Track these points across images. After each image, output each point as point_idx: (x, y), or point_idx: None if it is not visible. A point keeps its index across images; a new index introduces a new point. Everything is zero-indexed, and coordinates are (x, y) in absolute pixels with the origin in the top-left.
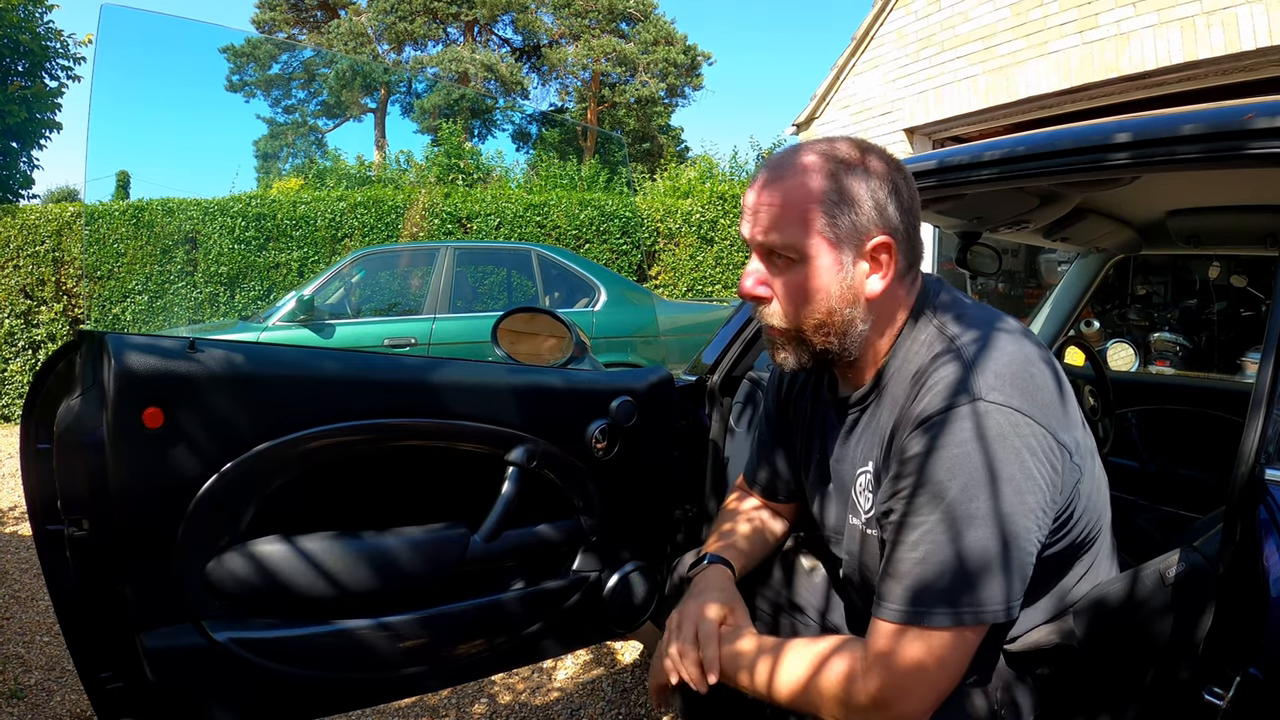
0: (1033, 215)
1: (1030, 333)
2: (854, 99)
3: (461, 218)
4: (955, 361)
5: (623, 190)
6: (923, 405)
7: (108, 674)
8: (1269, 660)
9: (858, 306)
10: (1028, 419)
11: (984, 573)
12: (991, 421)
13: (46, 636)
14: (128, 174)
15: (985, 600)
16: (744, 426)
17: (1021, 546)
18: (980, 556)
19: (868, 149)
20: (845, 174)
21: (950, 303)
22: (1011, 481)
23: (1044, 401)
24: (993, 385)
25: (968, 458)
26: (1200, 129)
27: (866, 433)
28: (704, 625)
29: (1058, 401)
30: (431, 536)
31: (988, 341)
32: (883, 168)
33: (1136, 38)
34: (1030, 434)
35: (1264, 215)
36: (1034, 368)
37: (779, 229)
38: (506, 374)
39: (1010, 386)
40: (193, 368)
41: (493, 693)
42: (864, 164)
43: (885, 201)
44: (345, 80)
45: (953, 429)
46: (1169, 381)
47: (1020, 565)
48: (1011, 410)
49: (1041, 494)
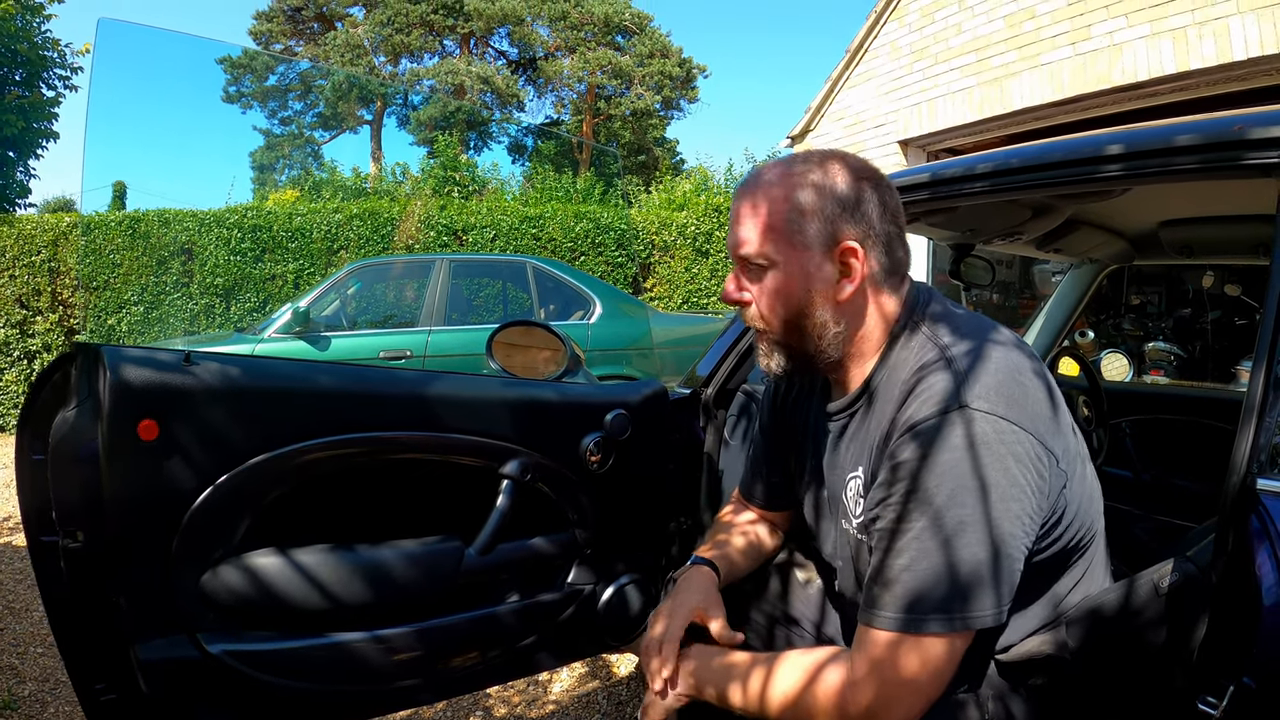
0: (1025, 227)
1: (1022, 343)
2: (848, 111)
3: (457, 230)
4: (945, 370)
5: (618, 203)
6: (910, 412)
7: (101, 685)
8: (1262, 669)
9: (827, 309)
10: (1014, 426)
11: (972, 579)
12: (978, 429)
13: (40, 648)
14: (124, 184)
15: (973, 607)
16: (738, 439)
17: (1008, 553)
18: (968, 563)
19: (829, 158)
20: (804, 184)
21: (942, 312)
22: (998, 488)
23: (1032, 410)
24: (980, 394)
25: (955, 465)
26: (1191, 141)
27: (856, 438)
28: (671, 627)
29: (1047, 410)
30: (426, 549)
31: (978, 351)
32: (846, 176)
33: (1129, 48)
34: (1016, 441)
35: (1254, 225)
36: (1023, 377)
37: (748, 238)
38: (501, 387)
39: (997, 395)
40: (188, 380)
41: (488, 706)
42: (824, 172)
43: (850, 208)
44: (341, 92)
45: (940, 436)
46: (1163, 391)
47: (1008, 572)
48: (998, 418)
49: (1028, 500)
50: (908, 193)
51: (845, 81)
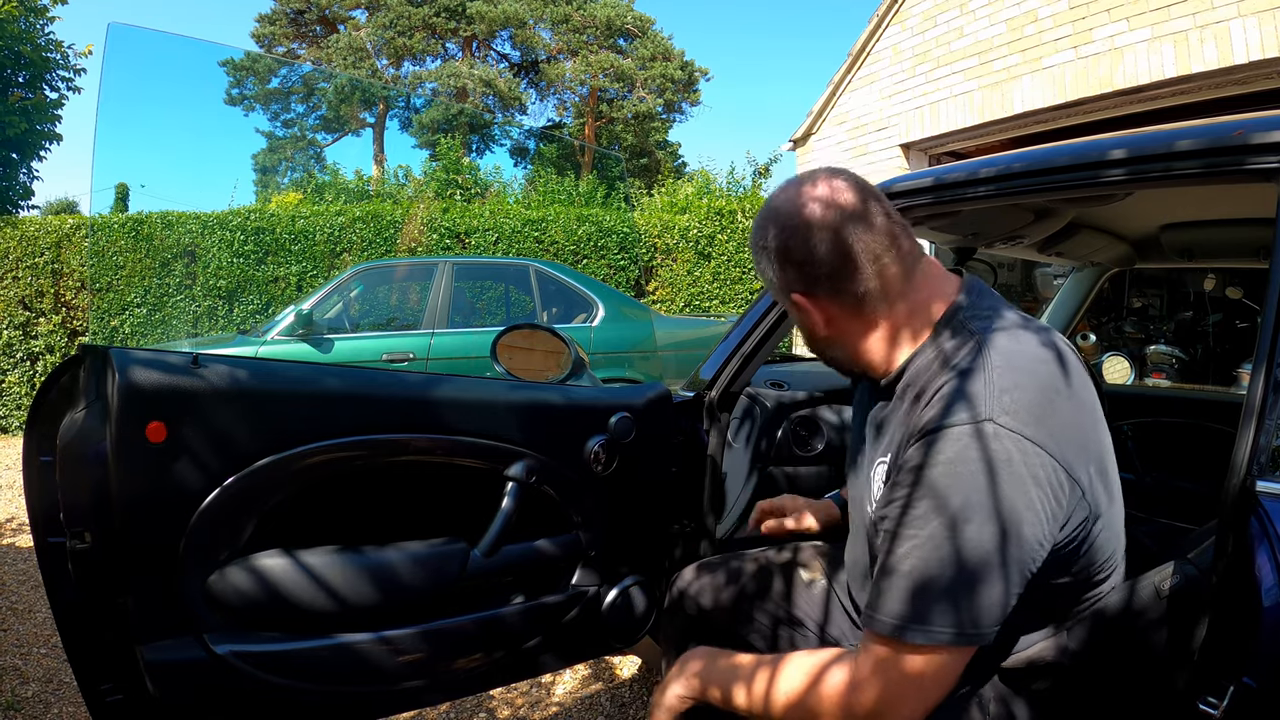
0: (1027, 230)
1: (1068, 358)
2: (850, 115)
3: (459, 233)
4: (976, 377)
5: (620, 206)
6: (931, 415)
7: (107, 686)
8: (1262, 670)
9: (819, 343)
10: (1038, 448)
11: (972, 592)
12: (999, 445)
13: (44, 649)
14: (126, 186)
15: (977, 620)
16: (742, 441)
17: (1012, 574)
18: (971, 576)
19: (770, 214)
20: (757, 246)
21: (990, 312)
22: (1013, 509)
23: (1060, 433)
24: (1009, 408)
25: (971, 477)
26: (1193, 145)
27: (888, 425)
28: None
29: (1076, 434)
30: (431, 551)
31: (1016, 362)
32: (776, 236)
33: (1130, 52)
34: (1039, 464)
35: (1255, 229)
36: (1058, 396)
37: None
38: (506, 390)
39: (1027, 412)
40: (196, 383)
41: (491, 707)
42: (764, 233)
43: (781, 269)
44: (344, 95)
45: (958, 445)
46: (1165, 394)
47: (1009, 592)
48: (1022, 437)
49: (1040, 526)
50: (911, 197)
51: (847, 85)
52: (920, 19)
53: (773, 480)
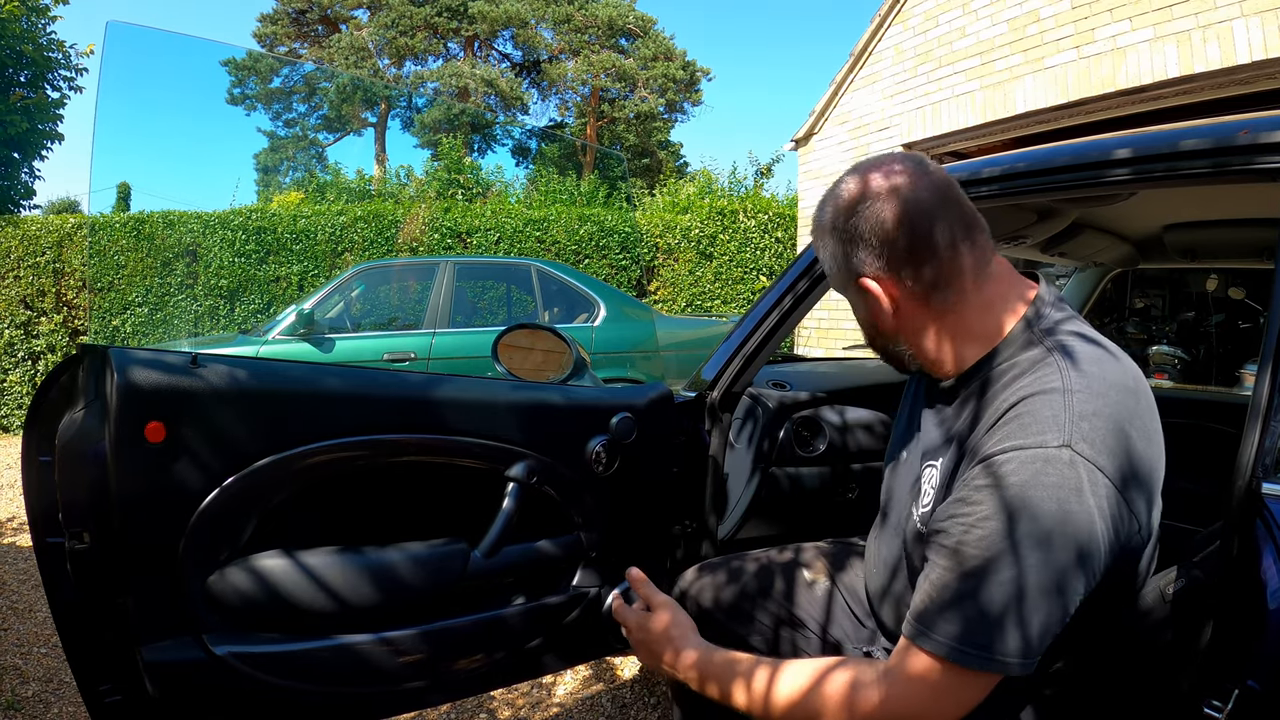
0: (1030, 231)
1: (1142, 387)
2: (852, 115)
3: (461, 233)
4: (1053, 398)
5: (622, 205)
6: (1006, 432)
7: (106, 686)
8: (1267, 673)
9: (881, 334)
10: (1108, 480)
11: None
12: (1074, 473)
13: (44, 648)
14: (128, 186)
15: (1023, 650)
16: (744, 442)
17: (1070, 604)
18: (1033, 605)
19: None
20: (823, 228)
21: (1070, 329)
22: (1080, 540)
23: (1129, 467)
24: (1086, 435)
25: (1043, 503)
26: (1198, 145)
27: (947, 429)
28: None
29: (1144, 468)
30: (432, 552)
31: (1099, 390)
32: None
33: (1133, 52)
34: (1105, 494)
35: (1260, 229)
36: (1131, 430)
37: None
38: (507, 390)
39: (1102, 442)
40: (196, 383)
41: (492, 708)
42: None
43: (849, 251)
44: (345, 94)
45: (1033, 468)
46: (1168, 394)
47: (1062, 622)
48: (1095, 468)
49: (1100, 559)
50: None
51: (849, 85)
52: (922, 19)
53: (775, 481)
